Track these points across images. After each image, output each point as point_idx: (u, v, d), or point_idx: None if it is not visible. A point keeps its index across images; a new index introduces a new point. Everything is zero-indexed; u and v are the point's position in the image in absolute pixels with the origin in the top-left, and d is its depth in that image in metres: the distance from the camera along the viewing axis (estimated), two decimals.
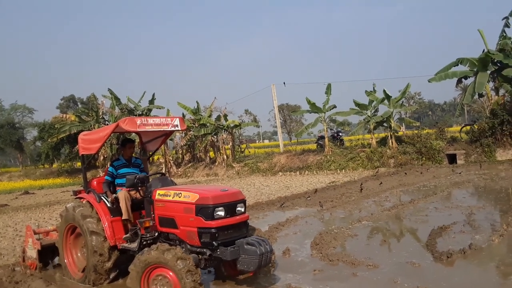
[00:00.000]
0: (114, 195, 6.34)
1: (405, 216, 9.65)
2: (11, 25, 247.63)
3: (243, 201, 5.58)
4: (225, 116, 31.88)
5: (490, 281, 5.31)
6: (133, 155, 7.09)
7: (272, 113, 63.49)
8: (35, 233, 7.28)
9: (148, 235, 5.81)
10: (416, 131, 26.41)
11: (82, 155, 6.93)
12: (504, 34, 24.06)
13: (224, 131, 31.42)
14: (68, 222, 6.53)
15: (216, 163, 30.88)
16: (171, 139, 34.32)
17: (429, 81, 24.87)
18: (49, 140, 39.22)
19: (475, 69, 23.65)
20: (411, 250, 6.90)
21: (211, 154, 32.53)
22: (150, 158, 9.09)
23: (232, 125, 31.58)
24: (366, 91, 26.47)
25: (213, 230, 5.14)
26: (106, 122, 35.28)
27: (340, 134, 31.27)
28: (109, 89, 35.31)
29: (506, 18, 23.98)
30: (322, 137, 28.97)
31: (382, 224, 9.18)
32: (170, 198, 5.53)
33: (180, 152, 34.80)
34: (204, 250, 5.29)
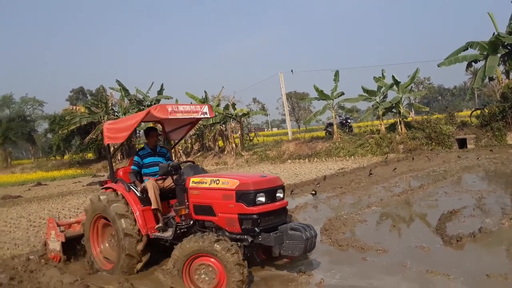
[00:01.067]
0: (143, 184, 6.26)
1: (415, 201, 9.66)
2: (21, 21, 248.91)
3: (282, 187, 5.48)
4: (233, 105, 31.90)
5: (500, 264, 5.32)
6: (158, 144, 6.93)
7: (280, 101, 63.36)
8: (57, 225, 7.24)
9: (183, 224, 5.70)
10: (425, 116, 26.22)
11: (108, 144, 6.85)
12: None
13: (233, 120, 31.48)
14: (94, 213, 6.43)
15: (225, 152, 31.02)
16: None
17: (438, 66, 24.69)
18: (60, 132, 39.64)
19: (485, 53, 23.35)
20: (421, 235, 6.91)
21: (220, 143, 32.66)
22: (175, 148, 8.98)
23: (240, 113, 31.62)
24: (374, 77, 26.30)
25: (255, 216, 5.07)
26: (116, 113, 35.49)
27: (349, 120, 31.13)
28: (117, 81, 35.56)
29: None
30: (330, 124, 28.87)
31: (392, 209, 9.20)
32: (206, 185, 5.42)
33: (189, 141, 34.96)
34: (245, 236, 5.17)
